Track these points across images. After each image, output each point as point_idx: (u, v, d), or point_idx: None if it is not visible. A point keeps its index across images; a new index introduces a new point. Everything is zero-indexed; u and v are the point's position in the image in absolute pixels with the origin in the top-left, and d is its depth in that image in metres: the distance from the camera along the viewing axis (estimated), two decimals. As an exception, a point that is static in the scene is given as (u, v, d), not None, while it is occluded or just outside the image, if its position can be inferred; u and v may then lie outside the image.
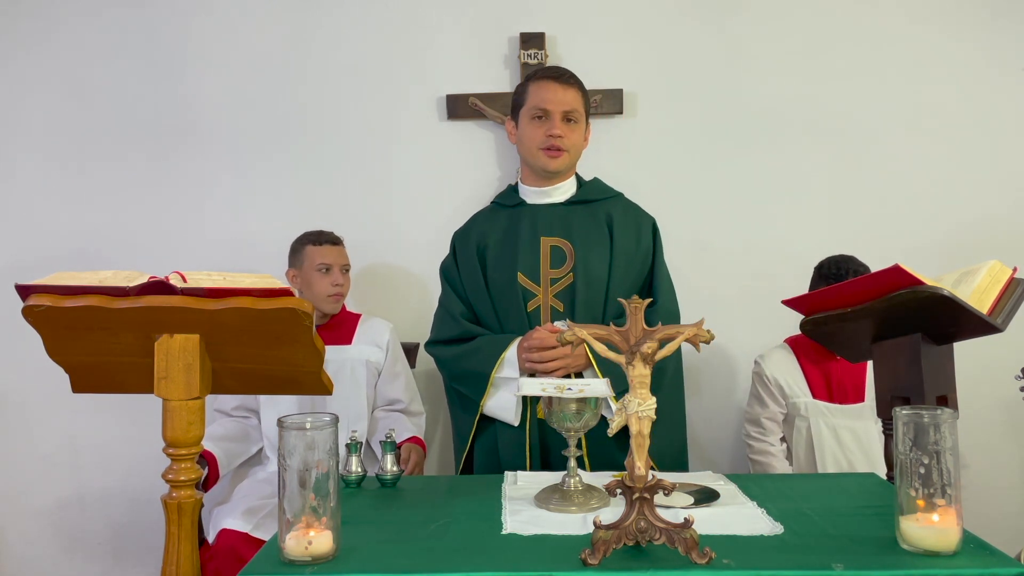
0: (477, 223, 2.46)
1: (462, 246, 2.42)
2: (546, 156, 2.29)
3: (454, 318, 2.33)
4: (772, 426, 2.67)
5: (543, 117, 2.28)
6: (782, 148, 3.08)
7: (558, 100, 2.27)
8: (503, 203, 2.46)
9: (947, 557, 1.32)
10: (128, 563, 3.10)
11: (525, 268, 2.28)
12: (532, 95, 2.30)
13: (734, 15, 3.08)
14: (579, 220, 2.33)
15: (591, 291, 2.24)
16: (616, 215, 2.35)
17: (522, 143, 2.34)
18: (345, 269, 2.74)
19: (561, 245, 2.30)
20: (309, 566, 1.32)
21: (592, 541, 1.32)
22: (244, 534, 2.29)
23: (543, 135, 2.27)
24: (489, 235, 2.38)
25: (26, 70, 3.11)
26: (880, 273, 1.74)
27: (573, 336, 1.43)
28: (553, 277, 2.27)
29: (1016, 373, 2.40)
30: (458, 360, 2.28)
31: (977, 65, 3.06)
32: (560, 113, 2.27)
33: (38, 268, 1.94)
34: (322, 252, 2.68)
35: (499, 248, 2.34)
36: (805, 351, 2.63)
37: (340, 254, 2.73)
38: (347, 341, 2.73)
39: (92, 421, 3.06)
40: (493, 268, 2.32)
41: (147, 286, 1.53)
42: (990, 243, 2.95)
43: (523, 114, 2.32)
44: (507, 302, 2.28)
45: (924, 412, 1.35)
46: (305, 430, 1.35)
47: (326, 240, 2.73)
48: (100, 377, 1.68)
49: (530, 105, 2.30)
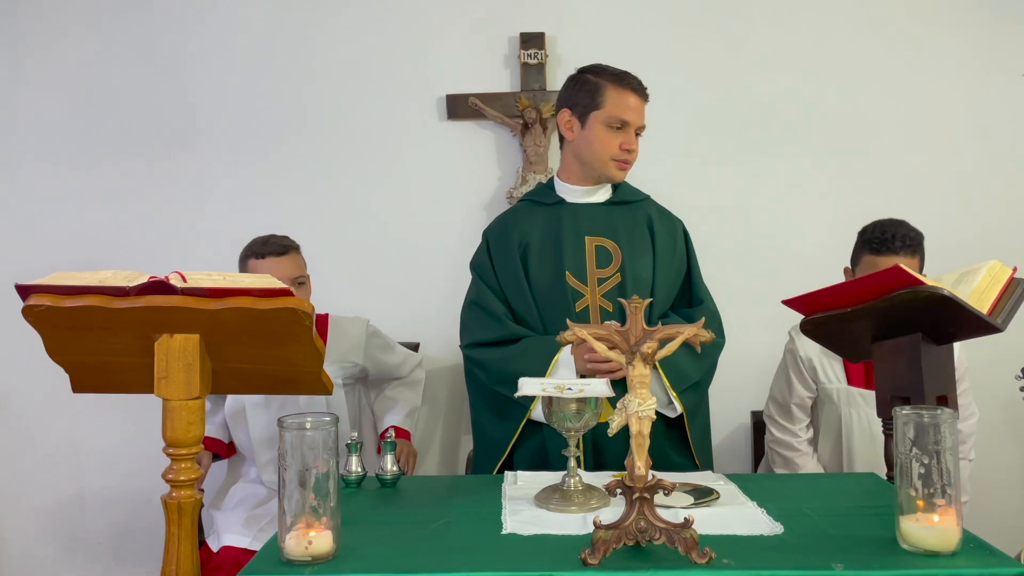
0: (515, 220, 2.34)
1: (499, 243, 2.31)
2: (616, 167, 2.23)
3: (496, 318, 2.22)
4: (800, 414, 2.46)
5: (620, 128, 2.20)
6: (782, 148, 3.08)
7: (639, 114, 2.21)
8: (540, 200, 2.35)
9: (947, 557, 1.32)
10: (128, 563, 3.10)
11: (572, 267, 2.21)
12: (612, 102, 2.19)
13: (734, 15, 3.09)
14: (622, 221, 2.28)
15: (638, 292, 2.18)
16: (654, 217, 2.32)
17: (589, 145, 2.23)
18: (298, 282, 2.41)
19: (606, 245, 2.24)
20: (309, 566, 1.32)
21: (592, 541, 1.32)
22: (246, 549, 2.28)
23: (618, 146, 2.20)
24: (530, 233, 2.27)
25: (27, 71, 3.11)
26: (880, 273, 1.74)
27: (573, 336, 1.43)
28: (600, 277, 2.22)
29: (1016, 373, 2.40)
30: (504, 363, 2.15)
31: (978, 65, 3.07)
32: (636, 127, 2.22)
33: (38, 268, 1.94)
34: (266, 267, 2.37)
35: (542, 247, 2.25)
36: None
37: (289, 265, 2.41)
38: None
39: (92, 421, 3.06)
40: (536, 267, 2.24)
41: (147, 286, 1.53)
42: (990, 243, 2.95)
43: (596, 117, 2.20)
44: (553, 302, 2.19)
45: (924, 412, 1.35)
46: (305, 430, 1.35)
47: (270, 252, 2.40)
48: (100, 377, 1.67)
49: (608, 112, 2.19)
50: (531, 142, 3.03)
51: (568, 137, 2.27)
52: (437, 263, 3.09)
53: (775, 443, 2.50)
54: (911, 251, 2.28)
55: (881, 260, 2.26)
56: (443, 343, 3.07)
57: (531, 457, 2.14)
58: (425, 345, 3.03)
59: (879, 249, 2.28)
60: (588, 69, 2.25)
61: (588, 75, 2.23)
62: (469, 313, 2.29)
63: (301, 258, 2.51)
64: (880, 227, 2.32)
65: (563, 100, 2.27)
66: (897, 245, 2.26)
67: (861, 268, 2.34)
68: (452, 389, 3.13)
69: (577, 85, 2.24)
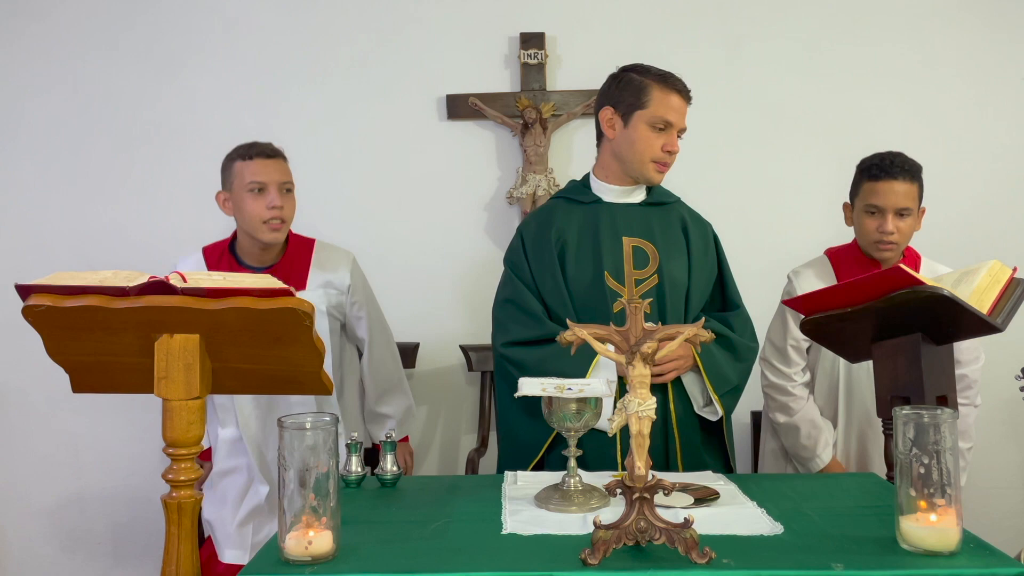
0: (552, 217, 2.28)
1: (537, 239, 2.25)
2: (655, 169, 2.19)
3: (535, 317, 2.17)
4: (796, 356, 2.42)
5: (663, 129, 2.16)
6: (782, 148, 3.08)
7: (682, 116, 2.18)
8: (576, 199, 2.29)
9: (947, 557, 1.32)
10: (128, 563, 3.11)
11: (610, 268, 2.18)
12: (657, 102, 2.15)
13: (734, 15, 3.09)
14: (658, 222, 2.26)
15: (675, 294, 2.19)
16: (687, 219, 2.30)
17: (631, 145, 2.18)
18: (286, 188, 2.30)
19: (643, 246, 2.21)
20: (309, 566, 1.32)
21: (592, 541, 1.32)
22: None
23: (659, 148, 2.16)
24: (567, 231, 2.23)
25: (26, 71, 3.11)
26: (880, 273, 1.74)
27: (573, 336, 1.43)
28: (638, 278, 2.19)
29: (1016, 373, 2.40)
30: (544, 363, 2.09)
31: (978, 65, 3.07)
32: (679, 129, 2.19)
33: (38, 268, 1.94)
34: (253, 168, 2.26)
35: (579, 246, 2.22)
36: (847, 265, 2.39)
37: (278, 169, 2.30)
38: (300, 285, 2.36)
39: (92, 421, 3.06)
40: (574, 266, 2.20)
41: (147, 286, 1.53)
42: (990, 243, 2.95)
43: (641, 117, 2.15)
44: (592, 302, 2.15)
45: (924, 412, 1.35)
46: (305, 430, 1.35)
47: (258, 152, 2.28)
48: (100, 377, 1.67)
49: (653, 112, 2.14)
50: (531, 142, 3.03)
51: (608, 135, 2.21)
52: (437, 263, 3.10)
53: (770, 387, 2.47)
54: (910, 176, 2.27)
55: (880, 186, 2.27)
56: (443, 343, 3.08)
57: (564, 459, 2.04)
58: (425, 345, 3.03)
59: (878, 175, 2.27)
60: (632, 68, 2.21)
61: (633, 74, 2.19)
62: (504, 311, 2.23)
63: (288, 167, 2.38)
64: (878, 155, 2.32)
65: (605, 97, 2.22)
66: (896, 170, 2.26)
67: (861, 198, 2.32)
68: (452, 389, 3.13)
69: (621, 83, 2.19)
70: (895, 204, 2.26)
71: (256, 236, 2.31)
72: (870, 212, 2.30)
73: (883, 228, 2.27)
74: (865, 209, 2.31)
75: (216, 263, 2.40)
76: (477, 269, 3.11)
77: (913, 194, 2.27)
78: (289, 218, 2.34)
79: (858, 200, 2.34)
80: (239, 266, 2.40)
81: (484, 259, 3.11)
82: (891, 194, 2.26)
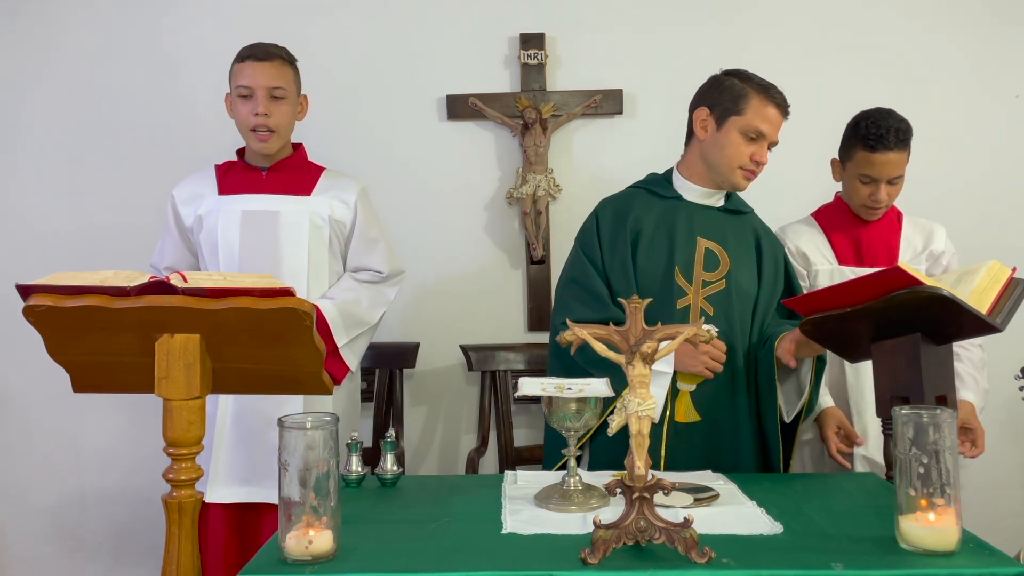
0: (630, 205, 2.27)
1: (612, 224, 2.24)
2: (743, 176, 2.19)
3: (600, 299, 2.15)
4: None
5: (755, 139, 2.15)
6: (781, 148, 3.07)
7: (776, 128, 2.18)
8: (657, 191, 2.29)
9: (947, 557, 1.32)
10: (128, 563, 3.10)
11: (681, 265, 2.19)
12: (754, 111, 2.15)
13: (734, 15, 3.09)
14: (732, 229, 2.26)
15: (742, 303, 2.19)
16: (760, 233, 2.30)
17: (721, 149, 2.18)
18: (276, 95, 2.17)
19: (715, 249, 2.21)
20: (309, 566, 1.32)
21: (592, 540, 1.33)
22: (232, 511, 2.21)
23: (748, 156, 2.16)
24: (644, 220, 2.22)
25: (27, 70, 3.11)
26: (880, 273, 1.74)
27: (573, 336, 1.43)
28: (706, 280, 2.19)
29: (1016, 373, 2.40)
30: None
31: (978, 67, 3.07)
32: (771, 142, 2.19)
33: (38, 268, 1.94)
34: (242, 71, 2.15)
35: (653, 238, 2.21)
36: (830, 219, 2.47)
37: (267, 74, 2.16)
38: (306, 191, 2.28)
39: (92, 421, 3.06)
40: (645, 257, 2.19)
41: (147, 286, 1.54)
42: (989, 243, 2.95)
43: (735, 123, 2.15)
44: (658, 295, 2.11)
45: (924, 412, 1.35)
46: (305, 430, 1.35)
47: (250, 54, 2.15)
48: (100, 377, 1.68)
49: (748, 120, 2.14)
50: (531, 142, 3.03)
51: (700, 136, 2.22)
52: (437, 263, 3.09)
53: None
54: (903, 144, 2.31)
55: (876, 157, 2.30)
56: (443, 343, 3.07)
57: (608, 449, 2.03)
58: (425, 345, 3.03)
59: (875, 146, 2.30)
60: (734, 73, 2.22)
61: (735, 79, 2.20)
62: (569, 290, 2.22)
63: (290, 72, 2.26)
64: (874, 122, 2.31)
65: (702, 98, 2.23)
66: (891, 140, 2.28)
67: (854, 164, 2.36)
68: (452, 389, 3.13)
69: (721, 87, 2.20)
70: (889, 175, 2.32)
71: (247, 143, 2.25)
72: (863, 181, 2.35)
73: (876, 197, 2.34)
74: (859, 177, 2.35)
75: (225, 172, 2.40)
76: (477, 269, 3.11)
77: (904, 159, 2.33)
78: (280, 127, 2.23)
79: (851, 165, 2.38)
80: (246, 168, 2.36)
81: (484, 259, 3.12)
82: (886, 165, 2.31)
